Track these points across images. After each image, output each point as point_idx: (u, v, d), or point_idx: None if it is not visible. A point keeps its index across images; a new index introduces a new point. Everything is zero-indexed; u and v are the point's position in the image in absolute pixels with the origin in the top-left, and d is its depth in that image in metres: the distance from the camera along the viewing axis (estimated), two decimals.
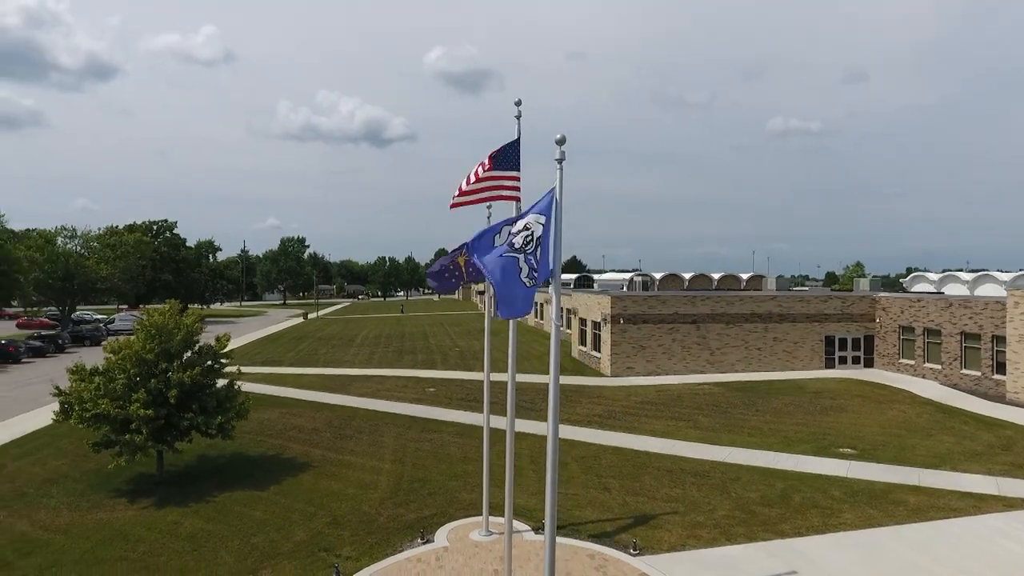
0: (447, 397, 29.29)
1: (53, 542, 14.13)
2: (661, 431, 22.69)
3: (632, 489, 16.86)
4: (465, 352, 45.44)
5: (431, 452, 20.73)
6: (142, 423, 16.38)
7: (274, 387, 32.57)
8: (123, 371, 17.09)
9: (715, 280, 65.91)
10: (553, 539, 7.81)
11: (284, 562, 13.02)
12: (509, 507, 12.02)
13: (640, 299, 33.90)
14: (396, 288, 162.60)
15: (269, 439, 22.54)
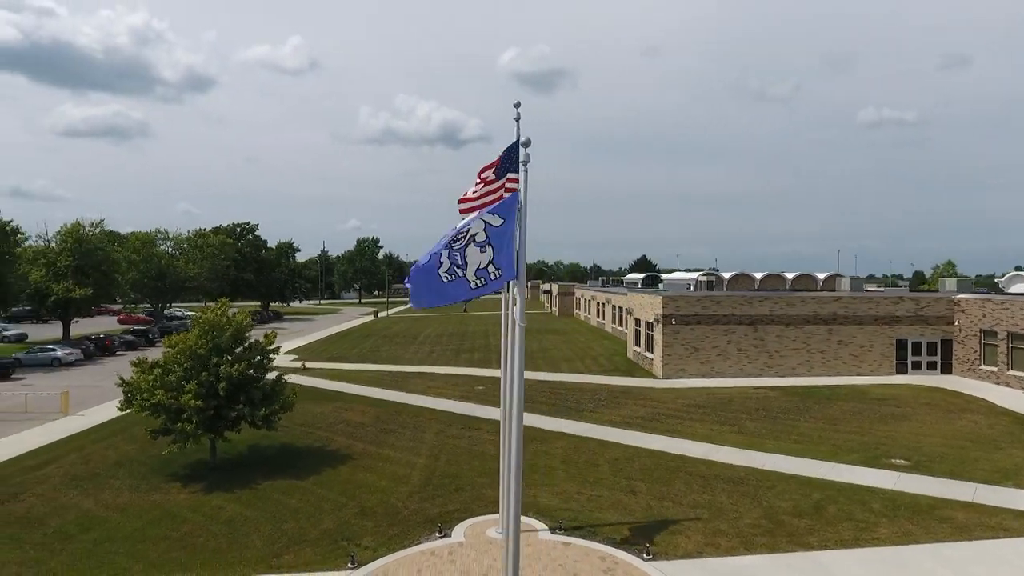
0: (493, 395, 29.61)
1: (110, 519, 15.47)
2: (703, 435, 22.13)
3: (659, 493, 16.60)
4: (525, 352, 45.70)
5: (467, 449, 21.12)
6: (193, 413, 17.62)
7: (334, 382, 34.03)
8: (179, 364, 18.43)
9: (789, 280, 63.15)
10: (517, 539, 7.90)
11: (307, 548, 13.71)
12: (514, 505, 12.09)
13: (693, 299, 33.05)
14: None
15: (318, 431, 23.60)
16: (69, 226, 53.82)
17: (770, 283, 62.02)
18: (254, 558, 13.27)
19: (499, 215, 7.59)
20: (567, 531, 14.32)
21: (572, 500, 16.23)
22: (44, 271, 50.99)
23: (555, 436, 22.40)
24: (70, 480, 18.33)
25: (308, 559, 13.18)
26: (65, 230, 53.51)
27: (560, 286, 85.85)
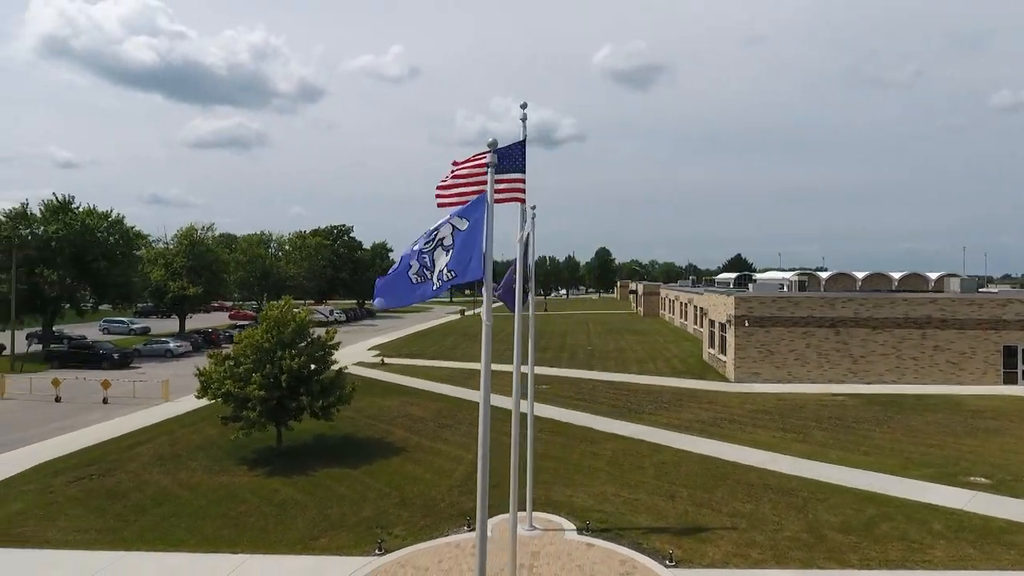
0: (555, 395, 29.72)
1: (181, 497, 17.04)
2: (763, 442, 21.15)
3: (700, 500, 16.10)
4: (595, 351, 45.37)
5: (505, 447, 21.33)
6: (257, 402, 19.03)
7: (406, 377, 35.36)
8: (247, 357, 19.94)
9: (895, 280, 58.71)
10: (484, 540, 8.08)
11: (344, 533, 14.49)
12: (514, 503, 12.24)
13: (768, 300, 31.49)
14: (556, 287, 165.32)
15: (380, 424, 24.69)
16: (184, 229, 59.22)
17: (874, 283, 57.84)
18: (294, 539, 14.19)
19: (465, 218, 7.79)
20: (594, 532, 14.23)
21: (608, 502, 16.09)
22: (163, 271, 56.37)
23: (607, 438, 22.19)
24: (156, 459, 20.31)
25: (341, 543, 13.93)
26: (181, 233, 58.89)
27: (645, 286, 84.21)
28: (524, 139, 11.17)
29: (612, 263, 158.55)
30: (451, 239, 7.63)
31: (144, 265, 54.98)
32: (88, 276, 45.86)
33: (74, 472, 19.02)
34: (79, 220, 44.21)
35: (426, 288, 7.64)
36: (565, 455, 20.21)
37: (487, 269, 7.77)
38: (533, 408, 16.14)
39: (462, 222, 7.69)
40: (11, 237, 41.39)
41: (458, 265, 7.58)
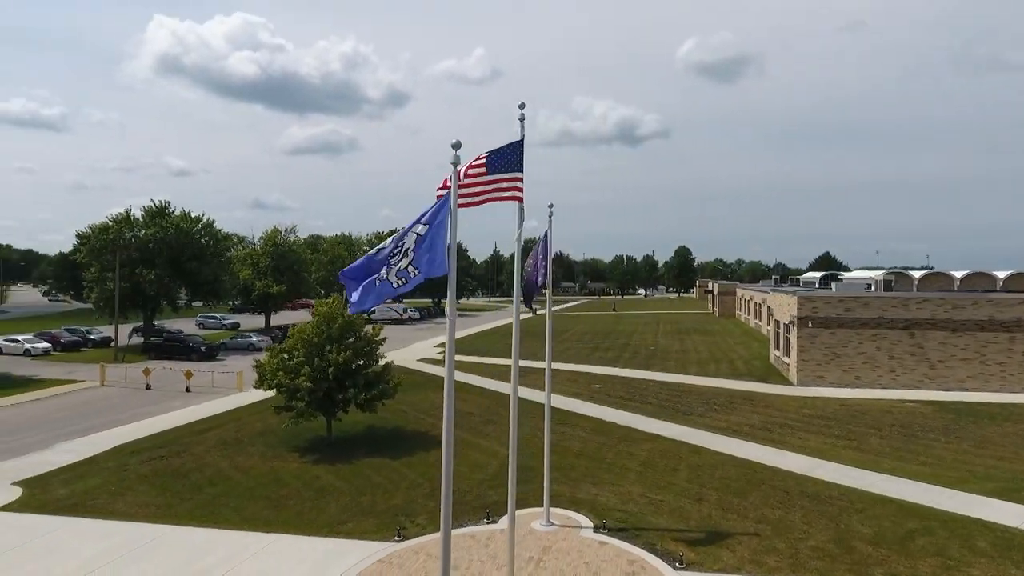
0: (605, 394, 29.55)
1: (234, 478, 18.40)
2: (813, 448, 20.23)
3: (728, 504, 15.69)
4: (657, 352, 44.55)
5: (553, 443, 21.38)
6: (305, 393, 20.22)
7: (464, 374, 36.10)
8: (299, 350, 21.20)
9: (1000, 280, 54.04)
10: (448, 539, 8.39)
11: (369, 519, 15.21)
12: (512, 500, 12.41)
13: (834, 300, 29.86)
14: (634, 286, 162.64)
15: (428, 418, 25.48)
16: (269, 231, 63.05)
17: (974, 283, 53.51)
18: (323, 523, 15.06)
19: (426, 224, 8.12)
20: (611, 531, 14.22)
21: (632, 502, 15.99)
22: (250, 270, 60.25)
23: (647, 438, 21.93)
24: (220, 444, 21.96)
25: (365, 528, 14.65)
26: (266, 235, 62.73)
27: (720, 285, 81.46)
28: (522, 139, 11.36)
29: (692, 262, 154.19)
30: (413, 244, 8.00)
31: (233, 265, 58.98)
32: (182, 275, 49.80)
33: (148, 453, 20.91)
34: (174, 224, 48.12)
35: (385, 288, 8.01)
36: (600, 454, 20.17)
37: (451, 265, 8.08)
38: (550, 407, 16.28)
39: (422, 228, 8.04)
40: (116, 240, 45.64)
41: (421, 263, 7.93)
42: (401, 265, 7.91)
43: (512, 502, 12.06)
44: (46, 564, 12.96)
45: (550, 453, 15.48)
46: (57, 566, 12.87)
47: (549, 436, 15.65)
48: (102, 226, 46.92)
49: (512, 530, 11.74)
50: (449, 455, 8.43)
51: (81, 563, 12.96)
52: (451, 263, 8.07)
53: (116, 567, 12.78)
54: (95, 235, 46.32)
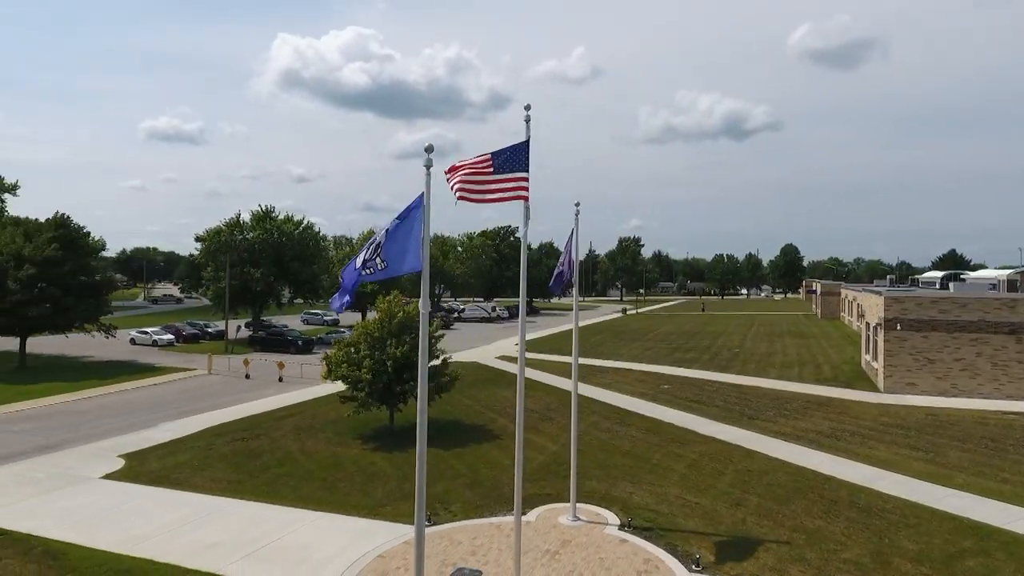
0: (671, 395, 28.98)
1: (299, 460, 19.98)
2: (880, 459, 18.96)
3: (767, 510, 15.16)
4: (741, 354, 42.84)
5: (603, 442, 21.55)
6: (366, 384, 21.55)
7: (536, 371, 36.59)
8: (362, 344, 22.59)
9: None
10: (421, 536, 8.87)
11: (407, 504, 16.00)
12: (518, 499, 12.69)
13: (927, 301, 27.48)
14: (736, 286, 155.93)
15: (489, 413, 26.23)
16: (365, 232, 66.64)
17: None
18: (366, 504, 16.10)
19: (401, 219, 8.65)
20: (636, 530, 14.21)
21: (666, 503, 15.83)
22: None
23: (702, 440, 21.42)
24: (294, 429, 23.82)
25: (400, 512, 15.50)
26: (362, 236, 66.36)
27: (823, 285, 76.56)
28: (528, 139, 11.68)
29: (800, 261, 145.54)
30: (383, 239, 8.57)
31: (333, 265, 62.93)
32: (285, 274, 53.83)
33: (232, 435, 23.07)
34: (277, 226, 52.16)
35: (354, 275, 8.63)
36: (647, 454, 19.98)
37: (425, 260, 8.59)
38: (577, 403, 16.45)
39: (393, 223, 8.60)
40: (228, 242, 50.16)
41: (390, 256, 8.48)
42: (368, 256, 8.50)
43: (518, 498, 12.41)
44: (127, 525, 14.84)
45: (577, 450, 15.67)
46: (135, 528, 14.70)
47: (576, 432, 15.86)
48: (216, 229, 51.72)
49: (519, 522, 12.12)
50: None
51: (154, 528, 14.71)
52: (424, 259, 8.58)
53: (180, 533, 14.41)
54: (210, 238, 51.15)
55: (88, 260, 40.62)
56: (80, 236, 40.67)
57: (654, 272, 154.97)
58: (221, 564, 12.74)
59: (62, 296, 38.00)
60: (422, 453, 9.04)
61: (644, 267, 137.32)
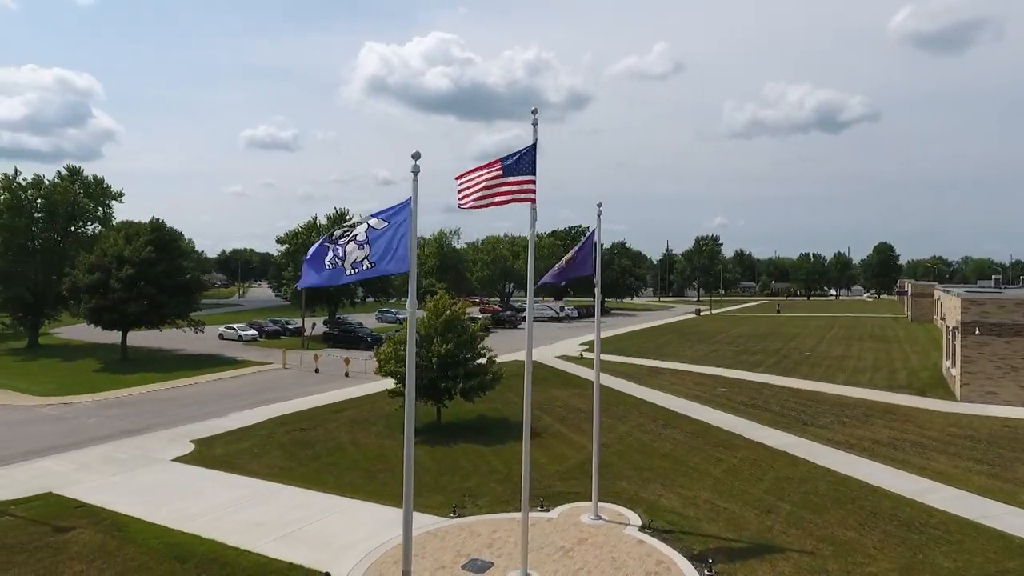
0: (726, 398, 28.23)
1: (347, 451, 21.07)
2: (937, 471, 17.84)
3: (797, 519, 14.68)
4: (812, 358, 40.92)
5: (644, 443, 21.40)
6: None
7: (591, 371, 36.48)
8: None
9: None
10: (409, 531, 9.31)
11: (438, 496, 16.68)
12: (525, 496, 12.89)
13: (1011, 303, 25.32)
14: (823, 287, 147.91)
15: (537, 411, 26.44)
16: (435, 234, 68.54)
17: None
18: (384, 494, 16.71)
19: (383, 219, 9.10)
20: (656, 532, 14.15)
21: (694, 507, 15.63)
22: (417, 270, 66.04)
23: (747, 445, 20.85)
24: (349, 422, 25.06)
25: (431, 503, 16.11)
26: (432, 237, 68.29)
27: (914, 286, 71.53)
28: (535, 143, 11.95)
29: (895, 260, 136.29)
30: (364, 236, 9.03)
31: None
32: None
33: (292, 425, 24.58)
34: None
35: (336, 274, 9.14)
36: (686, 457, 19.69)
37: (412, 263, 9.05)
38: (599, 403, 16.51)
39: (380, 223, 9.08)
40: (305, 243, 52.98)
41: (379, 259, 8.97)
42: (358, 257, 9.01)
43: (525, 495, 12.67)
44: (185, 504, 16.27)
45: (599, 451, 15.74)
46: (192, 506, 16.10)
47: (598, 433, 15.94)
48: (294, 232, 54.78)
49: (526, 517, 12.40)
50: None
51: (207, 507, 16.05)
52: (412, 261, 9.05)
53: (228, 512, 15.65)
54: (289, 239, 54.22)
55: (180, 261, 44.11)
56: (173, 239, 44.23)
57: (735, 272, 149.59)
58: (257, 542, 13.79)
59: (157, 294, 41.52)
60: (410, 455, 9.51)
61: (724, 266, 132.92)
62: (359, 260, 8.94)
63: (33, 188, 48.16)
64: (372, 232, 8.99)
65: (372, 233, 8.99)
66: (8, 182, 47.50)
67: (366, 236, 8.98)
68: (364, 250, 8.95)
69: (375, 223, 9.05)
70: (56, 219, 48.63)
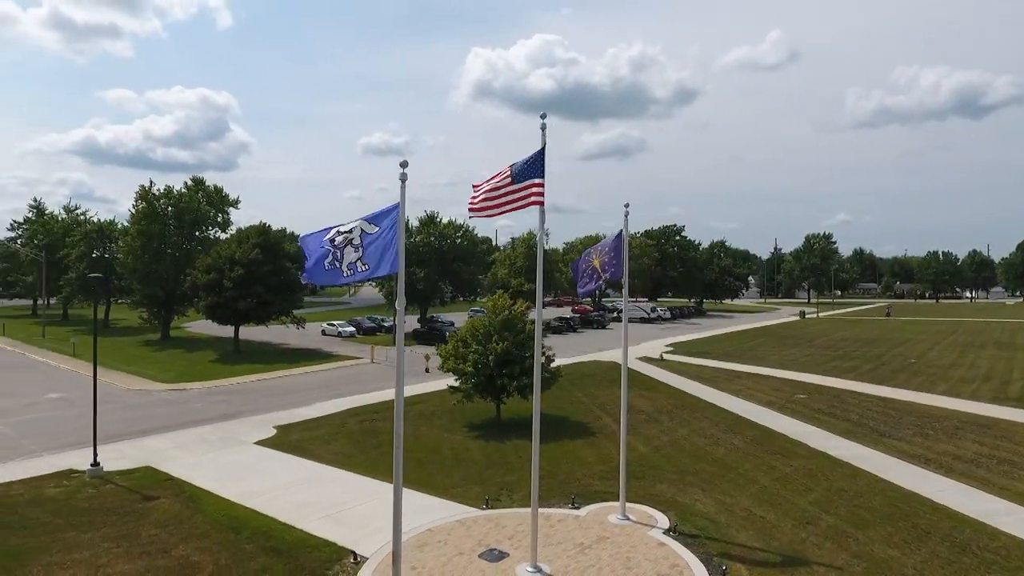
0: (802, 405, 26.85)
1: (407, 442, 21.59)
2: (1018, 492, 16.21)
3: (837, 534, 13.98)
4: (913, 366, 37.70)
5: (698, 448, 20.97)
6: (468, 378, 23.29)
7: (668, 373, 35.94)
8: (470, 339, 24.38)
9: None
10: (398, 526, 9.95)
11: (477, 488, 17.33)
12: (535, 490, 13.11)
13: None
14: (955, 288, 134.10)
15: (598, 411, 26.61)
16: (525, 235, 69.53)
17: None
18: (442, 485, 17.66)
19: (375, 224, 9.73)
20: (681, 535, 14.02)
21: (728, 513, 15.27)
22: (507, 270, 67.40)
23: (807, 454, 19.90)
24: (417, 415, 26.30)
25: (468, 495, 16.80)
26: (521, 238, 69.32)
27: None
28: (543, 147, 12.25)
29: None
30: (359, 240, 9.73)
31: (494, 265, 66.67)
32: (448, 274, 58.30)
33: (364, 416, 26.21)
34: (439, 230, 56.72)
35: (334, 275, 9.89)
36: (738, 464, 19.12)
37: (400, 266, 9.69)
38: (626, 410, 16.47)
39: (371, 227, 9.76)
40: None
41: (372, 261, 9.68)
42: (352, 259, 9.76)
43: (535, 493, 12.99)
44: (252, 482, 18.00)
45: (626, 451, 15.74)
46: (257, 484, 17.79)
47: (625, 436, 15.92)
48: None
49: (535, 512, 12.74)
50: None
51: (270, 486, 17.68)
52: (400, 265, 9.70)
53: (287, 492, 17.17)
54: None
55: (283, 262, 47.85)
56: (277, 242, 48.09)
57: (852, 272, 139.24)
58: (303, 520, 15.08)
59: (263, 292, 45.38)
60: (397, 448, 10.16)
61: (839, 266, 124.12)
62: (353, 262, 9.71)
63: (165, 197, 54.09)
64: (365, 236, 9.74)
65: (365, 237, 9.74)
66: (145, 192, 53.67)
67: (360, 240, 9.73)
68: (358, 253, 9.71)
69: (367, 227, 9.79)
70: (183, 225, 54.31)
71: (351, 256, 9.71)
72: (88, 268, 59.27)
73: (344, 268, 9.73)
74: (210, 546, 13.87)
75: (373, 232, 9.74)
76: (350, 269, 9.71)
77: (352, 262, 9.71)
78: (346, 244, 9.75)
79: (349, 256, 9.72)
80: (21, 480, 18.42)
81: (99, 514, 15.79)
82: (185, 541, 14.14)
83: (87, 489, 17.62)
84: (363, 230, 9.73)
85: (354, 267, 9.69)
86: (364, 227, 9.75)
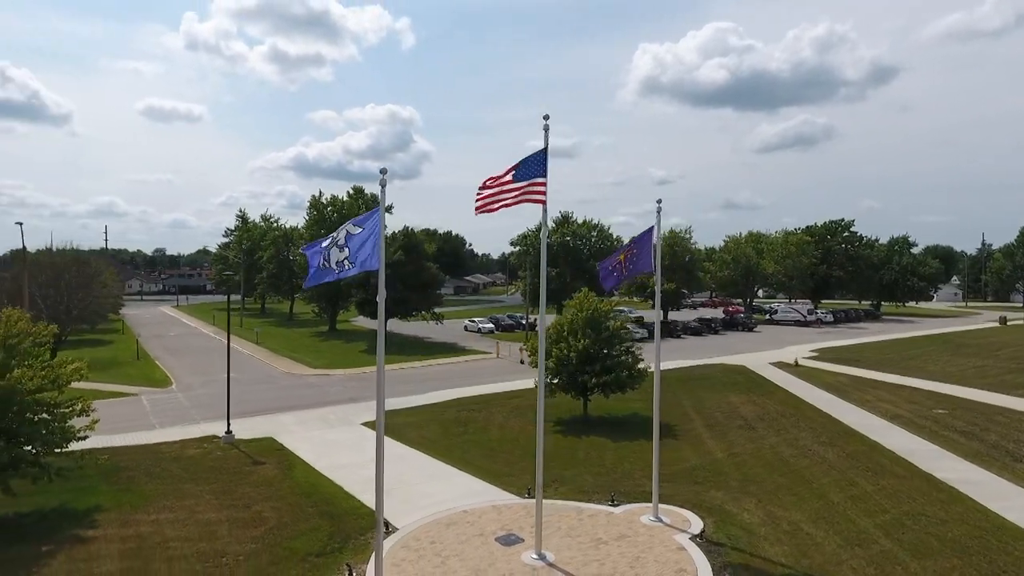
0: (933, 421, 23.67)
1: (491, 432, 23.42)
2: None
3: (886, 560, 12.66)
4: None
5: (780, 457, 19.71)
6: (552, 374, 23.92)
7: (795, 379, 33.39)
8: (556, 335, 24.97)
9: None
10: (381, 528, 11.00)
11: (529, 478, 17.78)
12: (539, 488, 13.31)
13: None
14: None
15: (690, 414, 25.73)
16: (667, 233, 67.58)
17: None
18: (497, 472, 18.55)
19: (359, 226, 10.74)
20: (707, 542, 13.61)
21: (770, 526, 14.43)
22: None
23: (905, 475, 17.87)
24: (511, 409, 27.37)
25: (517, 484, 17.51)
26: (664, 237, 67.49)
27: None
28: (545, 147, 12.66)
29: None
30: (344, 240, 10.89)
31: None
32: (583, 273, 58.84)
33: (463, 407, 27.85)
34: (572, 230, 57.45)
35: (326, 274, 11.12)
36: (816, 478, 17.71)
37: (380, 262, 10.75)
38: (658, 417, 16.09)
39: (356, 228, 10.88)
40: (532, 245, 57.42)
41: (355, 259, 10.83)
42: (339, 258, 10.97)
43: (539, 491, 13.35)
44: (341, 456, 20.32)
45: (659, 457, 15.47)
46: (344, 459, 20.02)
47: (657, 442, 15.61)
48: (524, 234, 59.63)
49: (539, 504, 13.16)
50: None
51: (353, 461, 19.76)
52: (380, 259, 10.78)
53: (364, 467, 18.97)
54: (519, 241, 59.24)
55: (423, 263, 51.80)
56: (418, 244, 52.13)
57: None
58: (363, 492, 16.82)
59: (403, 290, 49.57)
60: (380, 440, 11.25)
61: None
62: (341, 260, 11.01)
63: (331, 205, 61.02)
64: (350, 237, 10.99)
65: (350, 239, 10.99)
66: (315, 201, 61.03)
67: (345, 240, 11.00)
68: (344, 252, 10.99)
69: (352, 229, 11.03)
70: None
71: (337, 256, 11.01)
72: (276, 268, 68.64)
73: (333, 266, 11.07)
74: (282, 506, 16.15)
75: (357, 233, 10.95)
76: (338, 267, 11.02)
77: (339, 260, 11.01)
78: (333, 246, 11.07)
79: (336, 256, 11.03)
80: (176, 441, 22.53)
81: (215, 472, 18.96)
82: (266, 499, 16.59)
83: (216, 452, 21.11)
84: (348, 232, 10.99)
85: (341, 265, 10.98)
86: (350, 229, 11.01)
